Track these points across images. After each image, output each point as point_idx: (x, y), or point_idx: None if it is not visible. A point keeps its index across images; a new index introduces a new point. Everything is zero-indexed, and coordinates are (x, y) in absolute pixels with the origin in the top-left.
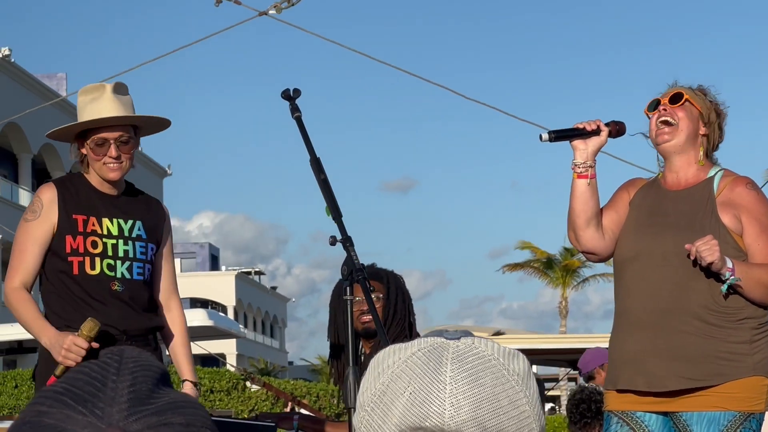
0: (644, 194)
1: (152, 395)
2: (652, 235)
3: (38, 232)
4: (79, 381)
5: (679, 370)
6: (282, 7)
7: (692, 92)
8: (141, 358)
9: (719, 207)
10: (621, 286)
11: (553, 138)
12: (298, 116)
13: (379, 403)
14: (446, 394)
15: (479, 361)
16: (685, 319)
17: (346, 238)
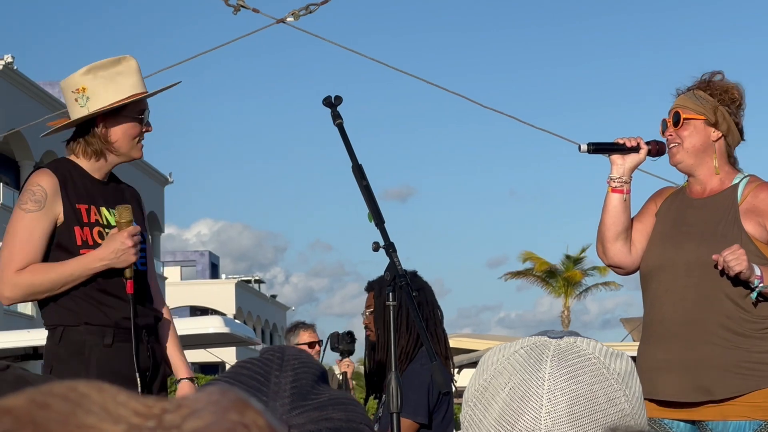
0: (670, 204)
1: (313, 391)
2: (675, 245)
3: (45, 224)
4: (242, 376)
5: (704, 380)
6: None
7: (692, 101)
8: (302, 356)
9: (743, 214)
10: (647, 297)
11: (591, 150)
12: (340, 123)
13: (481, 399)
14: (544, 390)
15: (579, 359)
16: (709, 330)
17: (389, 244)
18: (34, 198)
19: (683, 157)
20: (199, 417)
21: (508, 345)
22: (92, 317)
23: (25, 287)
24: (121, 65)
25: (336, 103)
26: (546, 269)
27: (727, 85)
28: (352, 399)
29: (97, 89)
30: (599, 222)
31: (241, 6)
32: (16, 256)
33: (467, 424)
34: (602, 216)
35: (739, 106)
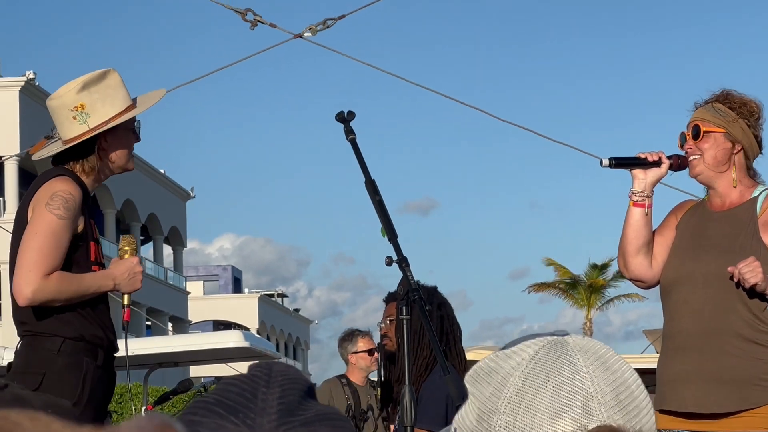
0: (690, 217)
1: (300, 407)
2: (693, 258)
3: (70, 234)
4: (230, 393)
5: (723, 392)
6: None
7: (711, 113)
8: (289, 372)
9: (762, 227)
10: (666, 309)
11: (613, 165)
12: (353, 138)
13: (519, 403)
14: (588, 382)
15: (600, 351)
16: (728, 341)
17: (402, 259)
18: (66, 206)
19: (703, 169)
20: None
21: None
22: (88, 334)
23: (50, 293)
24: (109, 79)
25: (349, 119)
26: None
27: (745, 99)
28: (339, 414)
29: (96, 105)
30: (621, 236)
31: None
32: (46, 260)
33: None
34: (624, 230)
35: (758, 119)
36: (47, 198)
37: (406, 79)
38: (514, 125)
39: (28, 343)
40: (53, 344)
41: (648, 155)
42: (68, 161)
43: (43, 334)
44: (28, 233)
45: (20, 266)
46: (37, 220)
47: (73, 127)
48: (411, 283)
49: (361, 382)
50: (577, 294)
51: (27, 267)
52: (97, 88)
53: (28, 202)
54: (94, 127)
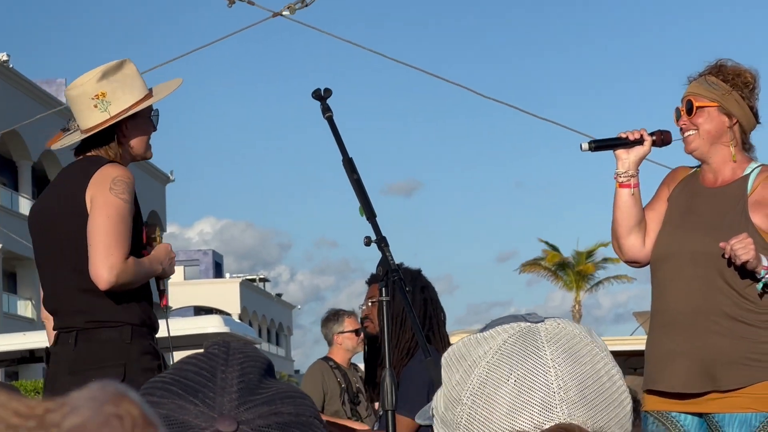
0: (681, 189)
1: (261, 385)
2: (682, 234)
3: (132, 219)
4: (188, 372)
5: (710, 371)
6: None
7: (704, 87)
8: (247, 350)
9: (752, 206)
10: (655, 286)
11: (593, 148)
12: (330, 116)
13: (481, 395)
14: (552, 378)
15: (572, 340)
16: (715, 320)
17: (381, 239)
18: (128, 190)
19: (699, 144)
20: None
21: (487, 336)
22: (148, 319)
23: (130, 276)
24: (126, 68)
25: (326, 96)
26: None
27: (739, 69)
28: (301, 392)
29: (116, 93)
30: (612, 219)
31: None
32: (123, 244)
33: (466, 423)
34: (613, 213)
35: (753, 90)
36: (108, 183)
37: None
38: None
39: (95, 335)
40: (124, 333)
41: (629, 134)
42: (90, 150)
43: (109, 323)
44: (97, 218)
45: (97, 251)
46: (105, 205)
47: (94, 116)
48: (390, 263)
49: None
50: (566, 276)
51: (106, 251)
52: (116, 77)
53: (82, 190)
54: (115, 115)
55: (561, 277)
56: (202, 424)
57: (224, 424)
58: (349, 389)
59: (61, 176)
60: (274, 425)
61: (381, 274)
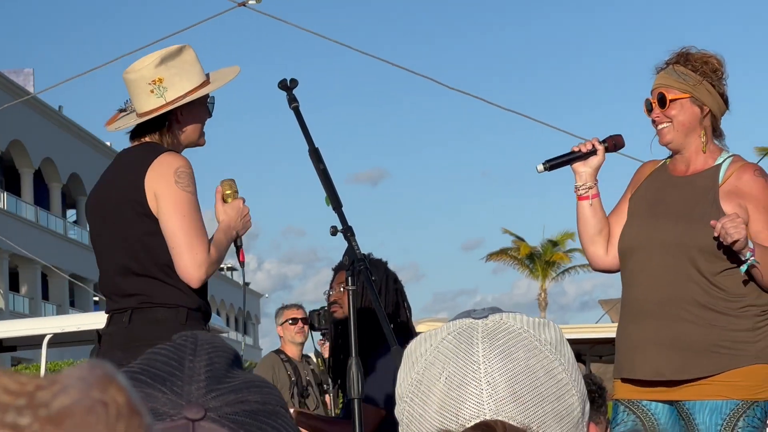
0: (650, 183)
1: (228, 374)
2: (651, 224)
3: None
4: (156, 362)
5: (681, 359)
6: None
7: (674, 78)
8: (215, 340)
9: (724, 195)
10: (625, 276)
11: (548, 167)
12: (296, 106)
13: (417, 393)
14: (481, 374)
15: (510, 336)
16: (686, 308)
17: (347, 228)
18: (192, 180)
19: (674, 136)
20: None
21: (433, 333)
22: (203, 304)
23: (216, 264)
24: (185, 54)
25: (291, 86)
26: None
27: (706, 56)
28: (267, 382)
29: (173, 79)
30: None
31: None
32: (203, 238)
33: (407, 421)
34: (577, 224)
35: (721, 76)
36: (171, 175)
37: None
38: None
39: (150, 315)
40: (180, 314)
41: (582, 146)
42: (145, 135)
43: (165, 305)
44: (173, 218)
45: (182, 252)
46: (176, 203)
47: (151, 101)
48: (356, 252)
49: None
50: (532, 265)
51: (191, 250)
52: (174, 63)
53: (141, 177)
54: (170, 101)
55: (527, 265)
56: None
57: (192, 411)
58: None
59: (119, 162)
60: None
61: (347, 263)
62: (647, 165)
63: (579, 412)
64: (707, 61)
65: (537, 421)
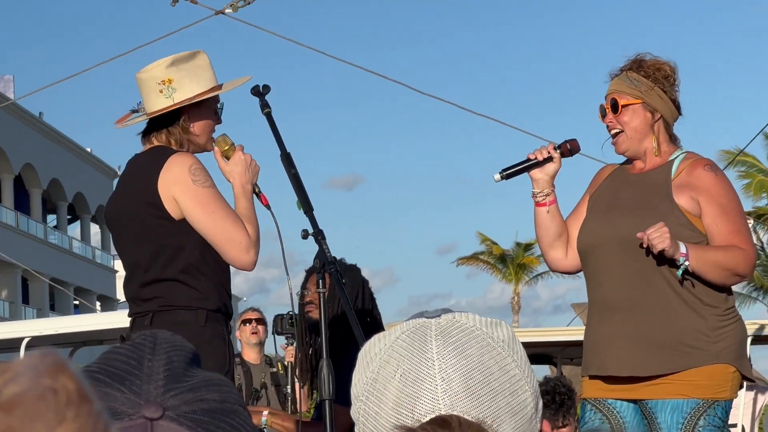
0: (609, 182)
1: (186, 373)
2: (607, 221)
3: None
4: (115, 361)
5: (643, 357)
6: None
7: (627, 84)
8: (174, 339)
9: (676, 189)
10: (587, 275)
11: (505, 176)
12: (268, 112)
13: (373, 391)
14: (436, 370)
15: (463, 333)
16: (647, 306)
17: (317, 232)
18: (207, 174)
19: (629, 144)
20: (17, 382)
21: (387, 333)
22: (224, 306)
23: (256, 236)
24: (198, 59)
25: (264, 92)
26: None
27: (659, 63)
28: (225, 380)
29: (183, 81)
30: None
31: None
32: (239, 224)
33: (363, 419)
34: (535, 229)
35: (673, 83)
36: (187, 176)
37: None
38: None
39: (171, 318)
40: (200, 317)
41: (537, 153)
42: (153, 134)
43: (185, 307)
44: (203, 217)
45: (226, 246)
46: (201, 202)
47: (159, 100)
48: (327, 255)
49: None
50: (505, 269)
51: (232, 241)
52: (186, 66)
53: (153, 181)
54: (178, 102)
55: (500, 269)
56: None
57: (150, 410)
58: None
59: (131, 169)
60: (199, 411)
61: (318, 266)
62: (606, 168)
63: (532, 408)
64: (660, 68)
65: (491, 416)
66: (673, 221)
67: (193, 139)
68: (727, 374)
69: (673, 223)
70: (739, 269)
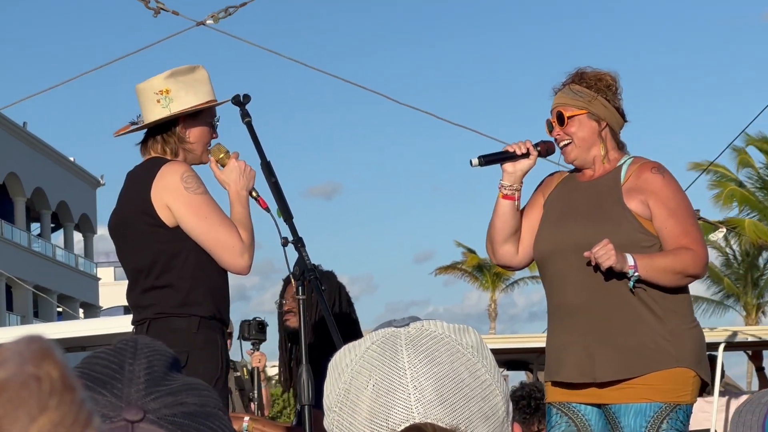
0: (560, 190)
1: (167, 377)
2: (562, 228)
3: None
4: (96, 365)
5: (604, 362)
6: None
7: (571, 97)
8: (154, 344)
9: (626, 193)
10: (545, 283)
11: (483, 163)
12: (248, 121)
13: (346, 402)
14: (408, 379)
15: (432, 341)
16: (607, 311)
17: (297, 239)
18: (199, 181)
19: (578, 153)
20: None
21: (356, 344)
22: (218, 312)
23: (250, 241)
24: (197, 73)
25: (245, 102)
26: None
27: (600, 74)
28: (205, 385)
29: (180, 92)
30: (489, 224)
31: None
32: (231, 226)
33: (337, 431)
34: (492, 219)
35: (616, 91)
36: (179, 183)
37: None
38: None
39: (165, 324)
40: (192, 323)
41: (516, 147)
42: (150, 143)
43: (179, 315)
44: (196, 223)
45: (217, 250)
46: (193, 209)
47: (156, 110)
48: (306, 263)
49: None
50: (482, 276)
51: (226, 246)
52: (184, 78)
53: (147, 191)
54: (174, 112)
55: (477, 277)
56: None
57: (131, 413)
58: None
59: (128, 180)
60: (179, 414)
61: (297, 273)
62: (556, 175)
63: (504, 412)
64: (601, 78)
65: (464, 422)
66: (625, 225)
67: (189, 150)
68: (688, 378)
69: (626, 227)
70: (690, 270)
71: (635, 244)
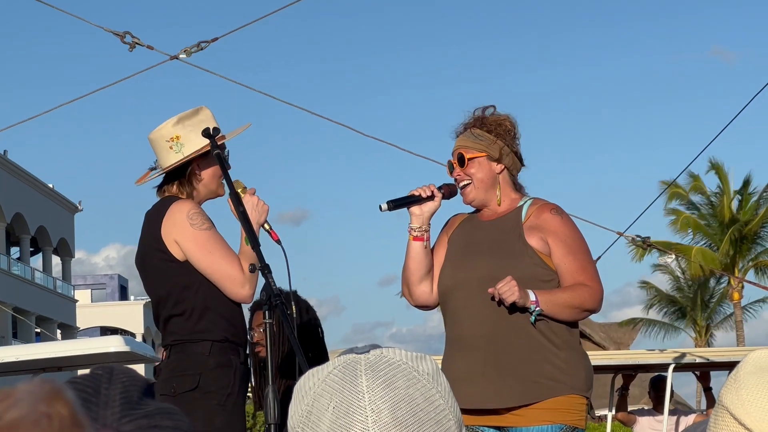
0: (462, 228)
1: (141, 402)
2: (467, 263)
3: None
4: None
5: (506, 389)
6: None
7: (472, 140)
8: (130, 371)
9: (527, 231)
10: (446, 314)
11: (392, 207)
12: (218, 153)
13: (308, 423)
14: (366, 402)
15: (390, 367)
16: (506, 342)
17: (264, 266)
18: (204, 217)
19: (476, 194)
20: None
21: (319, 368)
22: (231, 336)
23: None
24: (201, 114)
25: (214, 134)
26: None
27: (499, 119)
28: (178, 410)
29: (189, 136)
30: (403, 267)
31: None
32: (234, 259)
33: None
34: (406, 262)
35: (514, 136)
36: (185, 221)
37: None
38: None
39: (180, 349)
40: (204, 348)
41: (421, 191)
42: (167, 186)
43: (192, 341)
44: (201, 258)
45: (222, 282)
46: (199, 245)
47: (170, 156)
48: (273, 288)
49: None
50: None
51: (230, 278)
52: (190, 122)
53: (158, 228)
54: (187, 155)
55: None
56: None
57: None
58: None
59: (146, 219)
60: None
61: (264, 299)
62: (457, 216)
63: None
64: (501, 123)
65: None
66: (526, 260)
67: (204, 187)
68: (581, 404)
69: (527, 262)
70: (586, 305)
71: (535, 278)
